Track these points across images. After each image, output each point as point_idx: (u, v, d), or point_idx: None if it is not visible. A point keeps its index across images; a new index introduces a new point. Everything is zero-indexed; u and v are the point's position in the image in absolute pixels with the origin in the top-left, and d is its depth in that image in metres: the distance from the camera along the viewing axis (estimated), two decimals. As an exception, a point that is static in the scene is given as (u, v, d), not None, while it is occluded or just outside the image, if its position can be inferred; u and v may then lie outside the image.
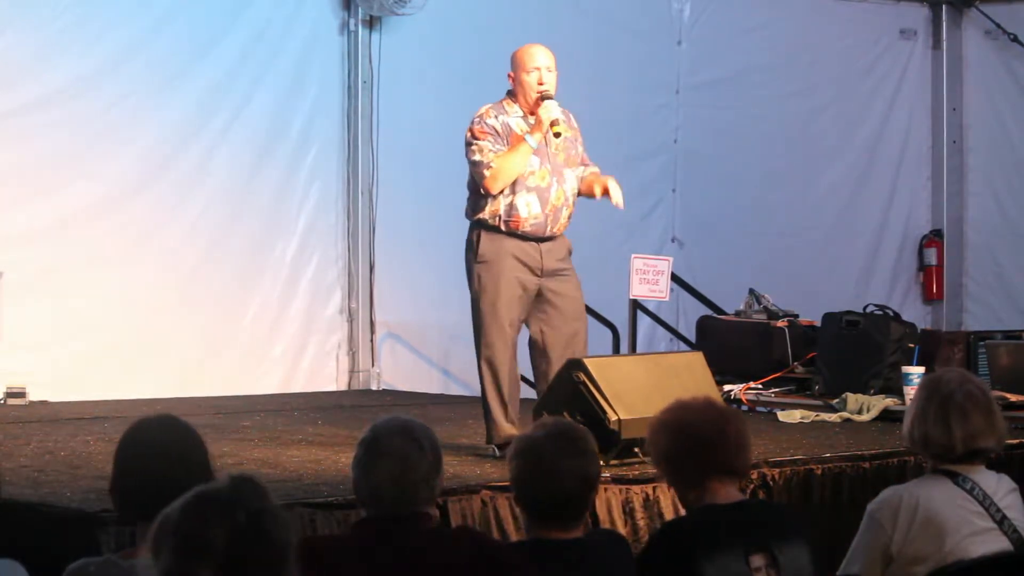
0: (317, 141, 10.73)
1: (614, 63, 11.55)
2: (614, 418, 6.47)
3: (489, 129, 6.99)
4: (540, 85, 7.01)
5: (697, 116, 12.03)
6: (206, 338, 10.22)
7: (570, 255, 7.18)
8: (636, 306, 10.25)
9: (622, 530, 5.98)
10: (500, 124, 7.01)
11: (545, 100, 6.98)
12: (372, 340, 10.91)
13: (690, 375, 6.85)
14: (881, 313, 9.51)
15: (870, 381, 9.04)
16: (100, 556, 4.20)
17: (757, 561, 4.04)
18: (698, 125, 12.04)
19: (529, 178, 7.01)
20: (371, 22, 10.82)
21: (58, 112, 9.68)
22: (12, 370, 9.30)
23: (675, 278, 9.95)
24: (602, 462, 5.41)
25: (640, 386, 6.62)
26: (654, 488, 6.21)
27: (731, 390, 9.17)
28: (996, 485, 4.56)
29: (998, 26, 12.36)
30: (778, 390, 9.35)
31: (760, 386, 9.35)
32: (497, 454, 6.83)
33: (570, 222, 7.18)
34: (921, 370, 8.25)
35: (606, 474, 5.99)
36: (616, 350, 10.23)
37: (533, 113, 7.05)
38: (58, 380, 9.41)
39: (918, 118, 12.79)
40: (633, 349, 10.24)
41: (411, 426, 3.89)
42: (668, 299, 9.51)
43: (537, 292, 7.05)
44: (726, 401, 8.70)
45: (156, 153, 10.06)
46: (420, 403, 9.60)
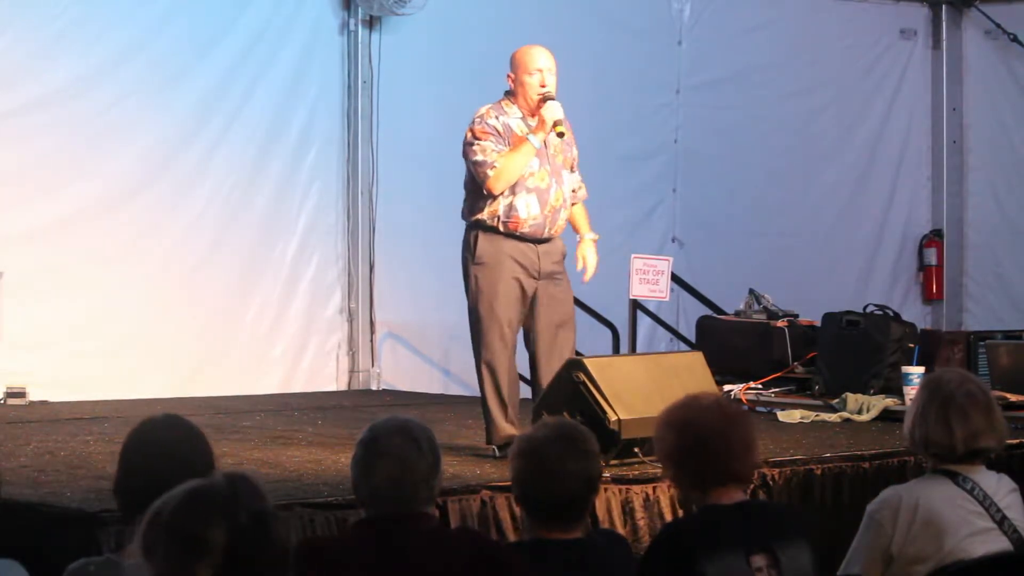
0: (317, 141, 10.73)
1: (614, 63, 11.55)
2: (614, 418, 6.47)
3: (491, 129, 6.99)
4: (542, 87, 7.01)
5: (697, 116, 12.04)
6: (206, 338, 10.22)
7: (564, 258, 7.19)
8: (636, 306, 10.25)
9: (622, 530, 5.98)
10: (501, 124, 7.01)
11: (548, 101, 6.98)
12: (372, 340, 10.91)
13: (690, 375, 6.85)
14: (881, 313, 9.52)
15: (870, 381, 9.05)
16: (100, 556, 4.21)
17: (758, 561, 4.04)
18: (698, 125, 12.04)
19: (529, 179, 7.01)
20: (371, 22, 10.82)
21: (58, 112, 9.67)
22: (12, 370, 9.30)
23: (675, 278, 9.95)
24: (602, 462, 5.40)
25: (640, 386, 6.63)
26: (654, 488, 6.22)
27: (731, 390, 9.17)
28: (996, 485, 4.56)
29: (998, 26, 12.36)
30: (778, 390, 9.35)
31: (760, 386, 9.35)
32: (497, 455, 6.83)
33: (566, 224, 7.19)
34: (921, 370, 8.25)
35: (606, 474, 5.99)
36: (616, 350, 10.23)
37: (533, 114, 7.05)
38: (58, 380, 9.41)
39: (918, 118, 12.79)
40: (633, 349, 10.24)
41: (410, 426, 3.89)
42: (668, 299, 9.52)
43: (532, 294, 7.05)
44: (726, 401, 8.69)
45: (156, 153, 10.06)
46: (420, 403, 9.60)
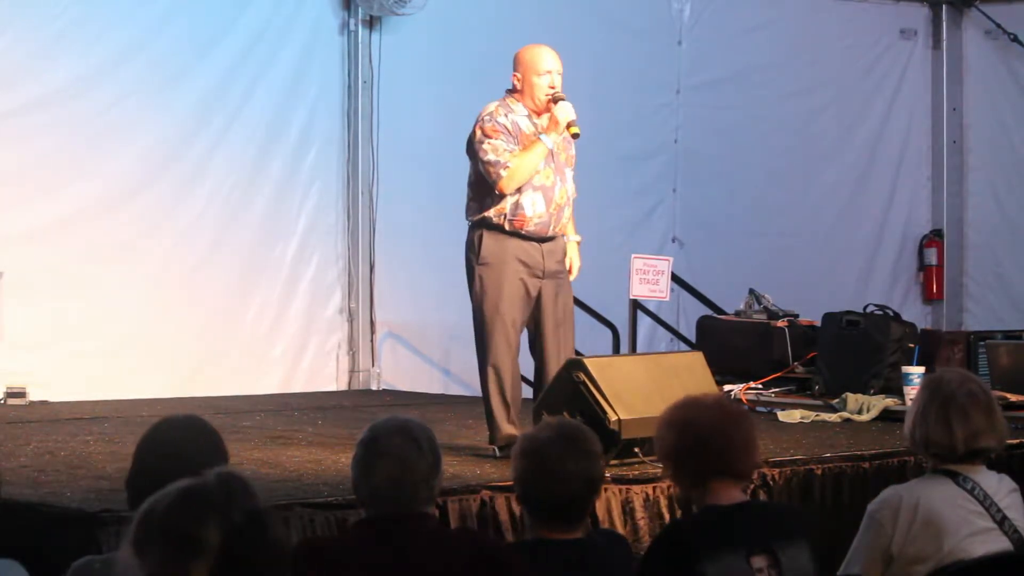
0: (317, 141, 10.73)
1: (614, 63, 11.54)
2: (614, 418, 6.47)
3: (501, 127, 6.97)
4: (551, 88, 7.01)
5: (697, 116, 12.04)
6: (206, 338, 10.22)
7: (566, 256, 7.20)
8: (636, 306, 10.25)
9: (622, 530, 5.98)
10: (510, 122, 7.00)
11: (560, 101, 6.98)
12: (372, 340, 10.91)
13: (690, 375, 6.85)
14: (881, 313, 9.52)
15: (870, 381, 9.05)
16: (102, 555, 4.21)
17: (759, 562, 4.04)
18: (698, 125, 12.04)
19: (535, 177, 7.00)
20: (371, 22, 10.82)
21: (58, 112, 9.67)
22: (12, 370, 9.30)
23: (675, 278, 9.95)
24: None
25: (640, 386, 6.62)
26: (654, 488, 6.22)
27: (731, 390, 9.17)
28: (997, 485, 4.56)
29: (998, 26, 12.36)
30: (778, 390, 9.35)
31: (760, 386, 9.35)
32: (498, 454, 6.83)
33: (568, 222, 7.20)
34: (921, 370, 8.25)
35: (606, 474, 5.99)
36: (616, 350, 10.22)
37: (539, 113, 7.04)
38: (58, 380, 9.40)
39: (918, 118, 12.79)
40: (633, 349, 10.23)
41: (410, 426, 3.89)
42: (668, 299, 9.52)
43: (537, 294, 7.06)
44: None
45: (156, 153, 10.06)
46: (420, 403, 9.60)
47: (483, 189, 7.02)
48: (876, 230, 12.72)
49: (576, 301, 7.49)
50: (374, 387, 10.81)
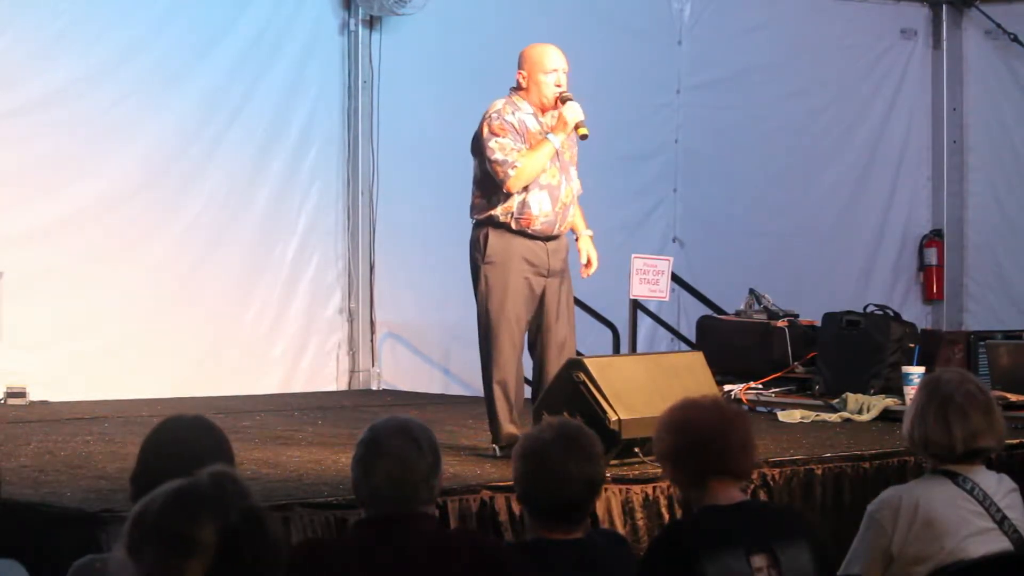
0: (317, 141, 10.73)
1: (614, 63, 11.54)
2: (614, 418, 6.47)
3: (508, 126, 6.96)
4: (557, 86, 7.01)
5: (697, 116, 12.04)
6: (206, 338, 10.22)
7: (568, 254, 7.20)
8: (636, 306, 10.25)
9: (622, 530, 5.98)
10: (516, 120, 6.99)
11: (568, 101, 6.98)
12: (372, 340, 10.91)
13: (690, 375, 6.85)
14: (881, 313, 9.51)
15: (870, 381, 9.04)
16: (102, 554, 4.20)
17: (759, 562, 4.04)
18: (698, 125, 12.04)
19: (541, 176, 7.00)
20: (371, 22, 10.82)
21: (59, 112, 9.68)
22: (12, 370, 9.30)
23: (675, 278, 9.95)
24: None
25: (640, 386, 6.62)
26: (654, 488, 6.22)
27: (731, 390, 9.17)
28: (996, 485, 4.56)
29: (998, 26, 12.36)
30: (778, 390, 9.35)
31: (760, 386, 9.34)
32: (499, 454, 6.83)
33: (573, 220, 7.20)
34: (921, 370, 8.24)
35: (606, 474, 5.99)
36: (616, 350, 10.23)
37: (544, 111, 7.04)
38: (58, 380, 9.40)
39: (918, 118, 12.79)
40: (633, 349, 10.24)
41: (410, 426, 3.89)
42: (668, 299, 9.52)
43: (541, 292, 7.06)
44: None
45: (156, 153, 10.06)
46: (420, 403, 9.60)
47: (489, 187, 7.01)
48: (876, 230, 12.72)
49: (576, 301, 7.49)
50: (374, 387, 10.81)
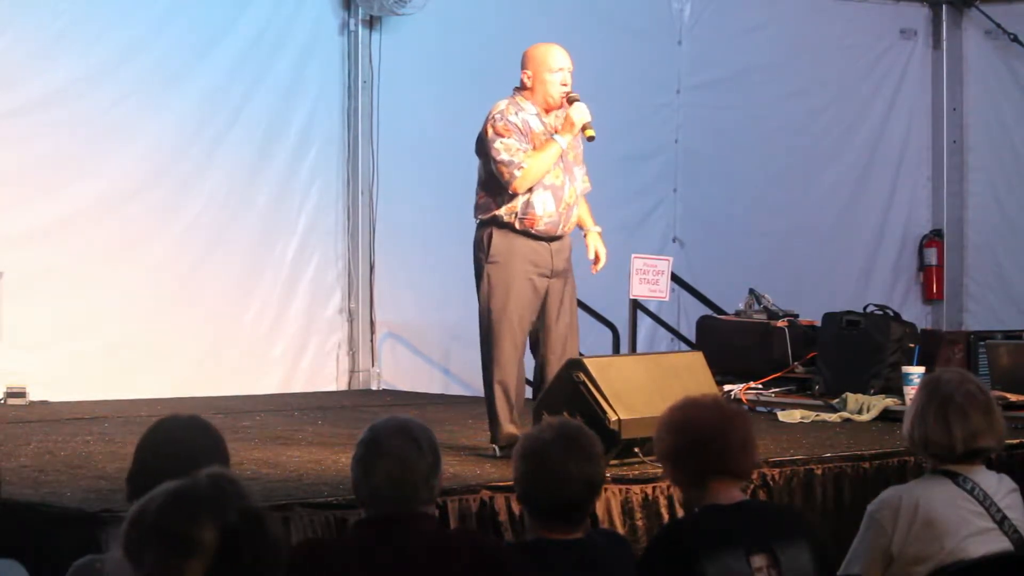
0: (317, 141, 10.73)
1: (614, 63, 11.53)
2: (614, 418, 6.46)
3: (512, 126, 6.95)
4: (563, 86, 7.00)
5: (697, 116, 12.04)
6: (206, 338, 10.22)
7: (571, 254, 7.20)
8: (636, 306, 10.25)
9: (621, 530, 5.98)
10: (520, 121, 6.99)
11: (576, 102, 6.97)
12: (372, 340, 10.91)
13: (690, 375, 6.85)
14: (881, 313, 9.51)
15: (870, 381, 9.04)
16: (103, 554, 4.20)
17: (758, 561, 4.04)
18: (698, 125, 12.04)
19: (545, 176, 7.00)
20: (371, 22, 10.82)
21: (59, 112, 9.68)
22: (12, 370, 9.30)
23: (675, 278, 9.95)
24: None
25: (640, 386, 6.62)
26: (654, 488, 6.22)
27: (731, 390, 9.17)
28: (997, 485, 4.56)
29: (998, 26, 12.36)
30: (778, 390, 9.34)
31: (760, 386, 9.34)
32: (498, 454, 6.83)
33: (576, 221, 7.20)
34: (921, 370, 8.25)
35: (606, 474, 5.99)
36: (616, 350, 10.23)
37: (548, 111, 7.03)
38: (58, 380, 9.40)
39: (918, 118, 12.79)
40: (633, 349, 10.24)
41: (410, 426, 3.89)
42: (668, 299, 9.52)
43: (544, 292, 7.05)
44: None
45: (156, 153, 10.06)
46: (420, 403, 9.60)
47: (494, 188, 6.99)
48: (876, 230, 12.72)
49: (576, 301, 7.48)
50: (374, 387, 10.81)
